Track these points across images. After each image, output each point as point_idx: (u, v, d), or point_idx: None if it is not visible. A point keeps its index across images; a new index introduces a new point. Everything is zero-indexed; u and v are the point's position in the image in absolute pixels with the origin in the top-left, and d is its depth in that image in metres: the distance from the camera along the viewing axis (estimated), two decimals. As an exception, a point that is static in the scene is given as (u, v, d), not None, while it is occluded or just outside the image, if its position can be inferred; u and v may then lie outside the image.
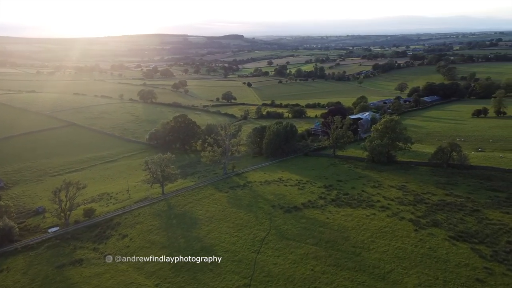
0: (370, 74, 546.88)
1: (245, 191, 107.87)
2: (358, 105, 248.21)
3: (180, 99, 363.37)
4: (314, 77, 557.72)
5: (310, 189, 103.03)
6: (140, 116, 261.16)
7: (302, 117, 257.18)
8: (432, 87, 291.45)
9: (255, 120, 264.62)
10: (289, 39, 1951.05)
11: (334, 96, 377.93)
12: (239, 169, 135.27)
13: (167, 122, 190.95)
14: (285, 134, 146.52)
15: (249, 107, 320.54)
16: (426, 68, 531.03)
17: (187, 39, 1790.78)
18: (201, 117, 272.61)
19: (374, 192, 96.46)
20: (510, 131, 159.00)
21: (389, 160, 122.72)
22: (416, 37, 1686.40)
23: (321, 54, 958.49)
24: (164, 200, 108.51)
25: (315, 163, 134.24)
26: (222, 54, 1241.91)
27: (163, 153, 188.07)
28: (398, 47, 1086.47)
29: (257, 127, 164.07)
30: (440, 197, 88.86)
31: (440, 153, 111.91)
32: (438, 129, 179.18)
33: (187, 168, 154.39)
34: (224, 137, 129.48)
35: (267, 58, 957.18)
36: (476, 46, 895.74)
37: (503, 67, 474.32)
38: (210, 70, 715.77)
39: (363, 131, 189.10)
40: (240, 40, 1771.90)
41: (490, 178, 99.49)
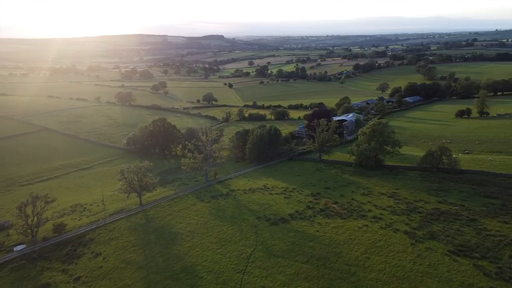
0: (351, 74, 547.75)
1: (228, 200, 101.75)
2: (341, 106, 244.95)
3: (160, 101, 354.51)
4: (296, 78, 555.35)
5: (297, 198, 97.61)
6: (118, 120, 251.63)
7: (285, 119, 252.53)
8: (414, 87, 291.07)
9: (237, 122, 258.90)
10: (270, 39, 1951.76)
11: (316, 97, 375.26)
12: (222, 175, 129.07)
13: (145, 126, 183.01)
14: (269, 138, 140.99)
15: (231, 108, 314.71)
16: (406, 68, 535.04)
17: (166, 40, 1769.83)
18: (182, 120, 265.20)
19: (364, 200, 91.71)
20: (495, 132, 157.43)
21: (377, 164, 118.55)
22: (394, 37, 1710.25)
23: (302, 54, 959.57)
24: (141, 211, 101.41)
25: (301, 169, 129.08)
26: (203, 54, 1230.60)
27: (141, 158, 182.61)
28: (378, 47, 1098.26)
29: (239, 131, 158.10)
30: (433, 205, 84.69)
31: (430, 157, 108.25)
32: (423, 130, 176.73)
33: (166, 175, 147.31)
34: (205, 143, 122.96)
35: (248, 58, 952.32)
36: (453, 46, 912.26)
37: (481, 67, 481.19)
38: (191, 71, 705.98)
39: (348, 133, 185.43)
40: (221, 40, 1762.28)
41: (482, 183, 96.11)
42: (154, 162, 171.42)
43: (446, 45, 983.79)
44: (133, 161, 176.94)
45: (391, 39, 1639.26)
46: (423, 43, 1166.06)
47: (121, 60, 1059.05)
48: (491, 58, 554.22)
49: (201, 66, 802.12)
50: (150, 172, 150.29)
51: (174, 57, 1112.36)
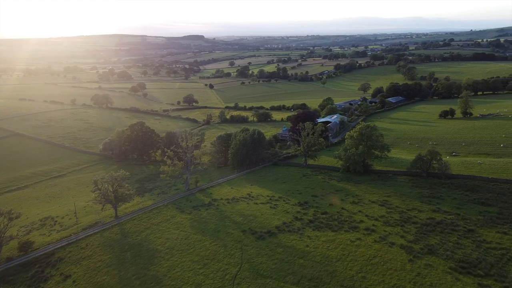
0: (333, 74, 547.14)
1: (210, 211, 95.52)
2: (325, 107, 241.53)
3: (139, 103, 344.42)
4: (277, 78, 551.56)
5: (283, 208, 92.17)
6: (94, 123, 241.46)
7: (268, 121, 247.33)
8: (396, 87, 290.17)
9: (218, 124, 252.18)
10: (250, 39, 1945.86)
11: (298, 97, 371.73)
12: (203, 183, 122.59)
13: (122, 131, 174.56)
14: (253, 142, 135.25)
15: (212, 110, 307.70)
16: (386, 68, 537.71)
17: (146, 40, 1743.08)
18: (161, 123, 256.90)
19: (355, 209, 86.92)
20: (481, 134, 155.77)
21: (366, 169, 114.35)
22: (373, 37, 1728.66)
23: (282, 55, 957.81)
24: (117, 225, 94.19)
25: (286, 174, 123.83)
26: (183, 55, 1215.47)
27: (118, 164, 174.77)
28: (357, 47, 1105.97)
29: (221, 135, 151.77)
30: (427, 214, 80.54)
31: (420, 161, 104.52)
32: (408, 132, 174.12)
33: (145, 183, 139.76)
34: (185, 149, 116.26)
35: (228, 58, 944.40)
36: (431, 46, 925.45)
37: (459, 67, 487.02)
38: (171, 72, 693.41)
39: (332, 135, 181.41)
40: (201, 40, 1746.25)
41: (475, 189, 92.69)
42: (132, 169, 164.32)
43: (424, 45, 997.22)
44: (109, 167, 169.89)
45: (370, 39, 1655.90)
46: (402, 43, 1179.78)
47: (99, 60, 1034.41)
48: (468, 58, 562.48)
49: (181, 67, 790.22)
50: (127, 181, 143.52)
51: (153, 58, 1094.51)
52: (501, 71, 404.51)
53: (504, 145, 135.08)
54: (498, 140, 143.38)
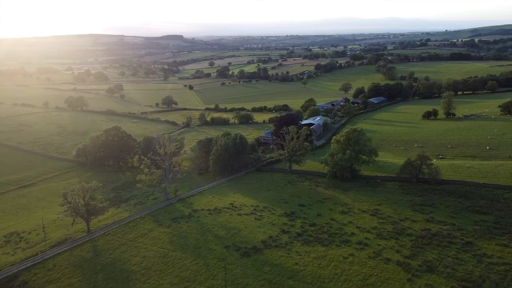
0: (313, 74, 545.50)
1: (191, 224, 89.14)
2: (307, 108, 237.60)
3: (116, 105, 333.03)
4: (258, 78, 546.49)
5: (269, 219, 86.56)
6: (67, 127, 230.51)
7: (250, 123, 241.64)
8: (378, 88, 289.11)
9: (198, 127, 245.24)
10: (230, 39, 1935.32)
11: (279, 98, 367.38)
12: (183, 191, 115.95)
13: (97, 136, 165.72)
14: (235, 147, 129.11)
15: (192, 112, 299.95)
16: (366, 67, 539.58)
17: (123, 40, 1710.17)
18: (139, 126, 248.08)
19: (345, 220, 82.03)
20: (465, 135, 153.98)
21: (353, 175, 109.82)
22: (352, 37, 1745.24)
23: (262, 55, 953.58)
24: (89, 241, 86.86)
25: (270, 181, 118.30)
26: (161, 55, 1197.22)
27: (93, 172, 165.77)
28: (337, 47, 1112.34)
29: (202, 140, 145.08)
30: (421, 224, 76.28)
31: (409, 167, 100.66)
32: (393, 133, 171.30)
33: (121, 191, 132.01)
34: (163, 156, 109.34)
35: (208, 59, 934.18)
36: (408, 46, 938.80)
37: (437, 66, 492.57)
38: (149, 72, 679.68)
39: (316, 138, 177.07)
40: (180, 40, 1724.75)
41: (467, 195, 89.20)
42: (107, 176, 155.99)
43: (401, 45, 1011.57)
44: (83, 174, 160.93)
45: (349, 39, 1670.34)
46: (380, 43, 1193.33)
47: (75, 61, 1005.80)
48: (446, 58, 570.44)
49: (160, 67, 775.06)
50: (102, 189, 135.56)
51: (131, 58, 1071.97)
52: (478, 71, 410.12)
53: (490, 147, 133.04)
54: (483, 142, 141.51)
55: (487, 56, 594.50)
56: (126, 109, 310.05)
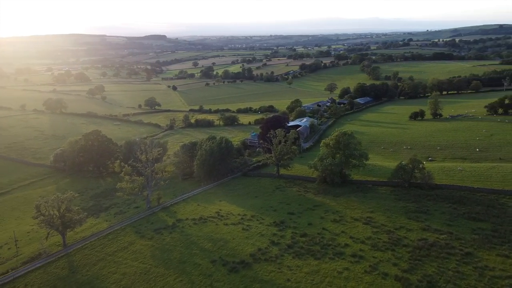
0: (298, 74, 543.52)
1: (174, 235, 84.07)
2: (293, 109, 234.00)
3: (97, 107, 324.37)
4: (242, 79, 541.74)
5: (257, 229, 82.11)
6: (46, 131, 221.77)
7: (235, 125, 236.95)
8: (364, 88, 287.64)
9: (182, 129, 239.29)
10: (214, 39, 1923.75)
11: (265, 99, 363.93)
12: (167, 199, 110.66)
13: (75, 141, 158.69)
14: (220, 152, 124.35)
15: (176, 114, 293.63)
16: (351, 67, 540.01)
17: (105, 40, 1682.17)
18: (121, 129, 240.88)
19: (337, 229, 78.13)
20: (453, 136, 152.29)
21: (343, 180, 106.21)
22: (335, 37, 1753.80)
23: (247, 54, 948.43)
24: (65, 256, 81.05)
25: (258, 187, 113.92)
26: (144, 55, 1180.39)
27: (72, 178, 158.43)
28: (321, 47, 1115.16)
29: (186, 144, 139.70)
30: (417, 233, 72.90)
31: (401, 171, 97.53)
32: (381, 135, 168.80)
33: (101, 199, 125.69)
34: (145, 163, 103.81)
35: (192, 59, 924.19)
36: (391, 45, 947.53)
37: (421, 66, 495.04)
38: (132, 73, 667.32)
39: (303, 140, 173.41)
40: (163, 40, 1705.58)
41: (462, 201, 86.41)
42: (87, 182, 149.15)
43: (384, 44, 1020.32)
44: (61, 181, 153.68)
45: (333, 39, 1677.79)
46: (363, 42, 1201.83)
47: (56, 61, 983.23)
48: (429, 58, 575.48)
49: (143, 68, 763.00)
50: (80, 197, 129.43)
51: (113, 58, 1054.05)
52: (461, 71, 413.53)
53: (480, 149, 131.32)
54: (472, 143, 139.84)
55: (469, 56, 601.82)
56: (108, 111, 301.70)
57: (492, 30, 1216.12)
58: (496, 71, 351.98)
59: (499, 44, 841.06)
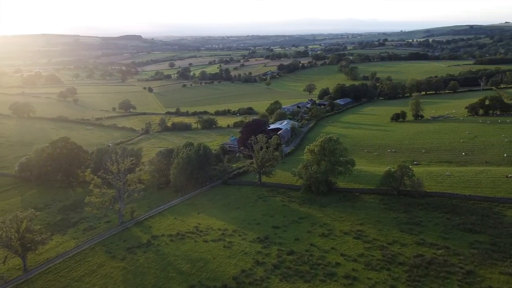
0: (276, 74, 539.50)
1: (149, 255, 76.66)
2: (273, 111, 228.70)
3: (68, 110, 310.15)
4: (220, 79, 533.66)
5: (240, 247, 75.59)
6: (11, 137, 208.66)
7: (213, 128, 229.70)
8: (344, 89, 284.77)
9: (159, 133, 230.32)
10: (190, 39, 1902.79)
11: (243, 100, 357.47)
12: (141, 212, 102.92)
13: (42, 149, 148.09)
14: (198, 159, 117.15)
15: (151, 117, 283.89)
16: (329, 67, 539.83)
17: (78, 40, 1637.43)
18: (93, 134, 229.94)
19: (326, 245, 72.40)
20: (438, 138, 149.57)
21: (329, 188, 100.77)
22: (312, 37, 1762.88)
23: (224, 55, 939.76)
24: (25, 282, 72.70)
25: (239, 197, 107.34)
26: (119, 56, 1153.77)
27: (38, 189, 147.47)
28: (298, 47, 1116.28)
29: (162, 151, 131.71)
30: (413, 248, 67.94)
31: (390, 179, 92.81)
32: (364, 137, 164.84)
33: (70, 212, 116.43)
34: (116, 175, 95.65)
35: (168, 59, 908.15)
36: (367, 46, 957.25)
37: (397, 66, 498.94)
38: (106, 74, 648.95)
39: (284, 143, 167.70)
40: (139, 40, 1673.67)
41: (455, 210, 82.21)
42: (55, 193, 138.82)
43: (360, 44, 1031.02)
44: (27, 192, 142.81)
45: (309, 39, 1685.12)
46: (339, 42, 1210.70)
47: (26, 62, 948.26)
48: (405, 58, 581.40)
49: (117, 69, 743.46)
50: (47, 209, 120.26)
51: (87, 59, 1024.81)
52: (437, 71, 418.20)
53: (465, 153, 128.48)
54: (457, 146, 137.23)
55: (443, 56, 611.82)
56: (80, 115, 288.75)
57: (463, 31, 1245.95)
58: (472, 71, 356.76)
59: (471, 45, 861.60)
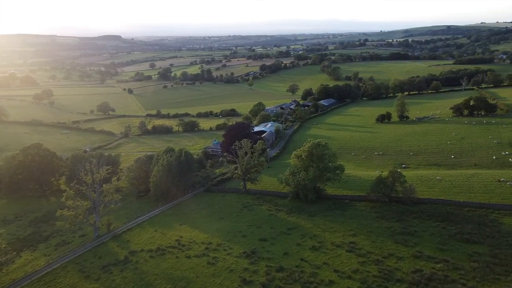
0: (259, 75, 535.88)
1: (126, 274, 70.55)
2: (257, 113, 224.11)
3: (44, 114, 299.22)
4: (202, 80, 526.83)
5: (225, 263, 70.19)
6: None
7: (195, 131, 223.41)
8: (327, 89, 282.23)
9: (138, 137, 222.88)
10: (171, 39, 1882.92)
11: (226, 101, 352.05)
12: (119, 224, 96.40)
13: (12, 156, 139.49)
14: (179, 166, 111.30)
15: (131, 119, 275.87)
16: (311, 68, 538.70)
17: (55, 40, 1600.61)
18: (70, 138, 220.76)
19: (318, 260, 67.72)
20: (425, 140, 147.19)
21: (318, 195, 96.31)
22: (293, 38, 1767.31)
23: (205, 55, 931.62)
24: (-12, 309, 65.50)
25: (223, 205, 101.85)
26: (98, 56, 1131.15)
27: (9, 199, 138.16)
28: (279, 47, 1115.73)
29: (141, 158, 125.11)
30: (410, 262, 63.85)
31: (381, 185, 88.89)
32: (350, 140, 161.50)
33: (42, 225, 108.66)
34: (90, 186, 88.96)
35: (148, 60, 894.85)
36: (348, 46, 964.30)
37: (379, 66, 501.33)
38: (84, 75, 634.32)
39: (269, 147, 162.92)
40: (118, 41, 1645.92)
41: (449, 218, 78.71)
42: (27, 203, 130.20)
43: (342, 44, 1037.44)
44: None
45: (291, 39, 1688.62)
46: (321, 42, 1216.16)
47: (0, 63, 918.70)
48: (386, 58, 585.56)
49: (96, 70, 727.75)
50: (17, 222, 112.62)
51: (64, 60, 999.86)
52: (418, 70, 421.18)
53: (454, 156, 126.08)
54: (445, 148, 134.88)
55: (423, 56, 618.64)
56: (56, 118, 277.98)
57: (440, 31, 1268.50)
58: (453, 71, 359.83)
59: (449, 44, 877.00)
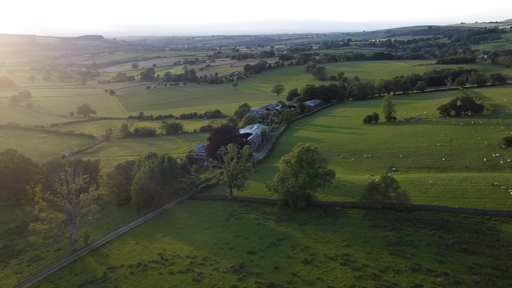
0: (243, 75, 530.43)
1: (105, 293, 65.11)
2: (242, 115, 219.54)
3: (21, 116, 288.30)
4: (186, 81, 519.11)
5: (212, 279, 65.41)
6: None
7: (179, 133, 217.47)
8: (313, 90, 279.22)
9: (120, 140, 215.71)
10: (154, 39, 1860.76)
11: (210, 102, 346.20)
12: (97, 235, 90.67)
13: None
14: (162, 173, 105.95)
15: (113, 122, 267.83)
16: (296, 68, 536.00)
17: (35, 40, 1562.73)
18: (48, 142, 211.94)
19: (310, 275, 63.50)
20: (413, 142, 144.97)
21: (308, 202, 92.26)
22: (277, 37, 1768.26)
23: (189, 55, 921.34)
24: (-50, 337, 59.27)
25: (209, 214, 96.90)
26: (79, 56, 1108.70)
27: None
28: (264, 47, 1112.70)
29: (121, 164, 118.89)
30: (408, 276, 60.19)
31: (374, 191, 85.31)
32: (338, 142, 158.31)
33: (15, 237, 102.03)
34: (66, 196, 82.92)
35: (131, 60, 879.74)
36: (332, 45, 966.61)
37: (364, 66, 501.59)
38: (64, 76, 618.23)
39: (255, 150, 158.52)
40: (100, 41, 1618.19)
41: (446, 225, 75.59)
42: (0, 214, 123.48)
43: (325, 44, 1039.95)
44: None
45: (275, 39, 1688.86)
46: (304, 42, 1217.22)
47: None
48: (370, 58, 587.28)
49: (77, 70, 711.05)
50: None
51: (44, 60, 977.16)
52: (402, 70, 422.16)
53: (445, 158, 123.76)
54: (434, 150, 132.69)
55: (406, 56, 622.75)
56: (34, 121, 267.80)
57: (422, 31, 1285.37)
58: (436, 71, 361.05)
59: (430, 44, 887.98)
